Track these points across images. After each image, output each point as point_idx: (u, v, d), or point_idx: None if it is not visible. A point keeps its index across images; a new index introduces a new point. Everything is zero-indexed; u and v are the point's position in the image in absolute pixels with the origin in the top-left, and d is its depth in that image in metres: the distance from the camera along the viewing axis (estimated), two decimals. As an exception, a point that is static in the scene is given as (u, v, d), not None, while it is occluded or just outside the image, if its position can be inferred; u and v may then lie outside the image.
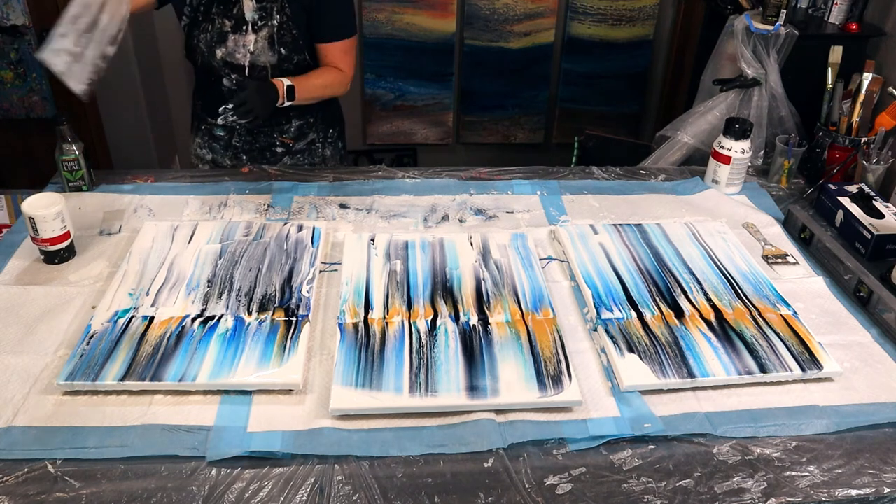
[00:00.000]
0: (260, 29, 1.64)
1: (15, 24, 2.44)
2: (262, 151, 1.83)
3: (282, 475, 0.98)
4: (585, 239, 1.48)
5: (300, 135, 1.83)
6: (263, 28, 1.64)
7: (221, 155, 1.86)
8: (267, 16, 1.63)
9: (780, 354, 1.18)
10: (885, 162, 1.68)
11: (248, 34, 1.64)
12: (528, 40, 3.11)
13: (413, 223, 1.56)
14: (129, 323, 1.20)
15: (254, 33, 1.64)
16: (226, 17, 1.64)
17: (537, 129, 3.35)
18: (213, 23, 1.65)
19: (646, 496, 0.97)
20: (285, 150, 1.84)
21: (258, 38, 1.64)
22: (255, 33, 1.64)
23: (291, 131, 1.82)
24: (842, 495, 0.98)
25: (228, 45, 1.66)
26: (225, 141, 1.83)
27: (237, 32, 1.65)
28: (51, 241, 1.36)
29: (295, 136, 1.83)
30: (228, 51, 1.66)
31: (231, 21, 1.64)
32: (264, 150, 1.83)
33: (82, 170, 1.60)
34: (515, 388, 1.09)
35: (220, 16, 1.64)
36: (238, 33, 1.64)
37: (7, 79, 2.55)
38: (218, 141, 1.84)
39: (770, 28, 2.06)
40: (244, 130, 1.80)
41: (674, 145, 2.23)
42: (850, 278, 1.39)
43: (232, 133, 1.81)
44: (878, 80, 1.82)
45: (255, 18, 1.63)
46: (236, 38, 1.65)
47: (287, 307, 1.25)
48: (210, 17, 1.65)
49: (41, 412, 1.06)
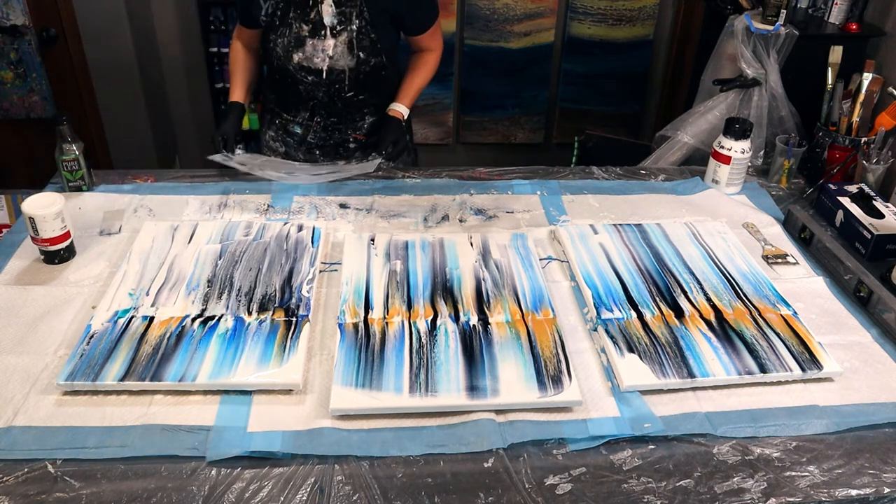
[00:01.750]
0: (339, 34, 1.64)
1: (15, 24, 2.44)
2: (336, 147, 1.86)
3: (282, 475, 0.98)
4: (585, 239, 1.48)
5: (372, 130, 1.84)
6: (343, 33, 1.64)
7: (294, 149, 1.88)
8: (346, 20, 1.62)
9: (780, 354, 1.18)
10: (885, 162, 1.68)
11: (326, 39, 1.64)
12: (528, 40, 3.11)
13: (413, 223, 1.56)
14: (129, 323, 1.20)
15: (332, 38, 1.64)
16: (303, 22, 1.63)
17: (537, 129, 3.35)
18: (291, 27, 1.65)
19: (646, 496, 0.97)
20: (358, 146, 1.86)
21: (337, 42, 1.64)
22: (334, 38, 1.64)
23: (365, 127, 1.83)
24: (842, 495, 0.98)
25: (306, 50, 1.66)
26: (300, 137, 1.85)
27: (315, 37, 1.64)
28: (51, 241, 1.36)
29: (368, 132, 1.84)
30: (306, 55, 1.66)
31: (308, 25, 1.63)
32: (338, 145, 1.86)
33: (82, 170, 1.60)
34: (515, 388, 1.09)
35: (297, 20, 1.64)
36: (316, 38, 1.64)
37: (7, 79, 2.55)
38: (292, 136, 1.86)
39: (770, 28, 2.06)
40: (319, 128, 1.82)
41: (674, 145, 2.23)
42: (850, 278, 1.39)
43: (308, 130, 1.83)
44: (878, 80, 1.82)
45: (333, 23, 1.62)
46: (314, 43, 1.65)
47: (287, 307, 1.25)
48: (287, 22, 1.65)
49: (41, 412, 1.06)
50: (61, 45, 2.55)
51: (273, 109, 1.87)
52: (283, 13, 1.64)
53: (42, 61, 2.54)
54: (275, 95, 1.85)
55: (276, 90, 1.83)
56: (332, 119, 1.80)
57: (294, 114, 1.82)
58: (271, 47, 1.70)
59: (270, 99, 1.88)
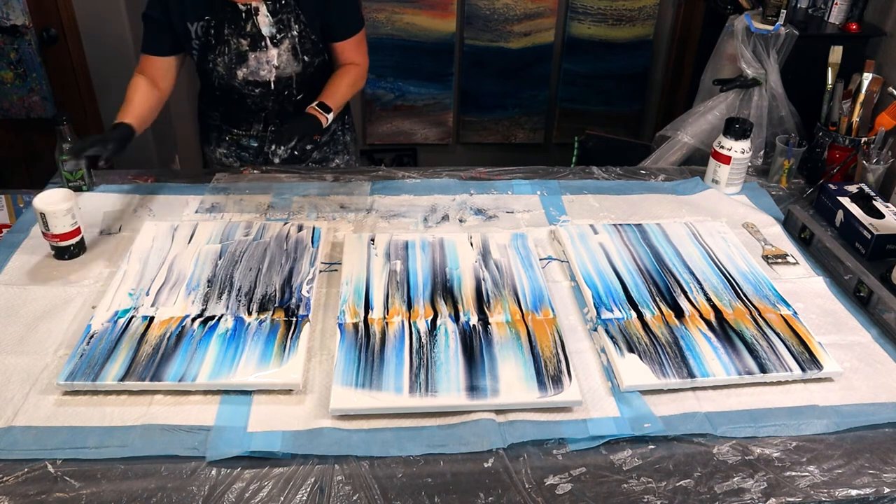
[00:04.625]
0: (280, 42, 1.61)
1: (15, 24, 2.44)
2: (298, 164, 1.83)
3: (282, 475, 0.98)
4: (585, 239, 1.48)
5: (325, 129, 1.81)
6: (284, 40, 1.61)
7: (251, 162, 1.84)
8: (285, 27, 1.59)
9: (780, 354, 1.18)
10: (885, 162, 1.68)
11: (269, 50, 1.61)
12: (528, 40, 3.11)
13: (413, 223, 1.56)
14: (129, 323, 1.20)
15: (275, 47, 1.61)
16: (240, 37, 1.59)
17: (537, 129, 3.35)
18: (229, 44, 1.60)
19: (646, 496, 0.97)
20: (314, 146, 1.84)
21: (280, 51, 1.62)
22: (276, 47, 1.61)
23: None
24: (842, 495, 0.98)
25: (250, 64, 1.62)
26: (256, 149, 1.82)
27: (257, 50, 1.61)
28: (61, 236, 1.37)
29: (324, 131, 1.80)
30: (250, 69, 1.63)
31: (247, 39, 1.59)
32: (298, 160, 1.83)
33: (82, 170, 1.60)
34: (515, 388, 1.09)
35: (234, 36, 1.59)
36: (258, 50, 1.61)
37: (7, 79, 2.55)
38: (247, 150, 1.83)
39: (770, 28, 2.06)
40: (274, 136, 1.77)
41: (674, 145, 2.23)
42: (850, 278, 1.39)
43: (263, 141, 1.80)
44: (878, 80, 1.82)
45: (272, 32, 1.59)
46: (258, 56, 1.61)
47: (287, 307, 1.25)
48: (223, 39, 1.60)
49: (41, 412, 1.06)
50: (61, 45, 2.55)
51: (219, 126, 1.82)
52: (217, 31, 1.59)
53: (42, 61, 2.54)
54: (219, 113, 1.80)
55: (221, 108, 1.78)
56: (285, 125, 1.75)
57: (246, 127, 1.78)
58: (210, 67, 1.64)
59: (214, 117, 1.81)
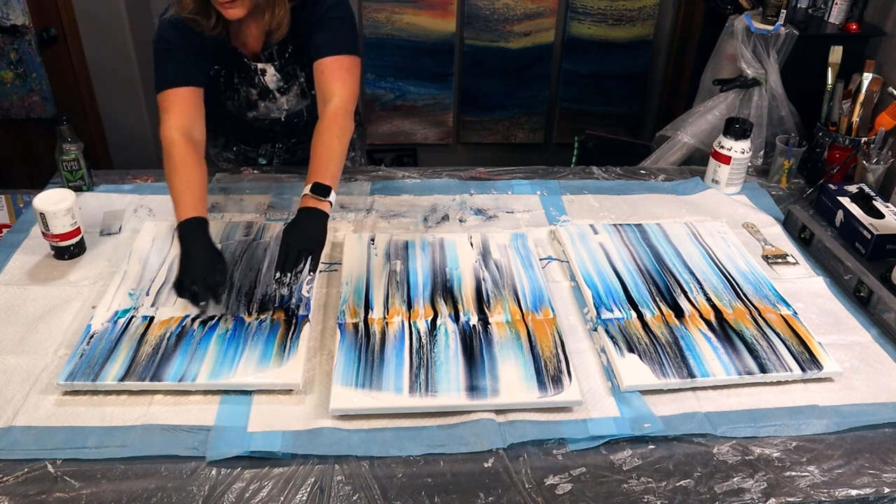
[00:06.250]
0: (288, 90, 1.60)
1: (15, 24, 2.44)
2: (300, 165, 1.80)
3: (282, 475, 0.98)
4: (585, 239, 1.48)
5: None
6: (292, 87, 1.60)
7: None
8: (292, 77, 1.58)
9: (780, 354, 1.18)
10: (885, 162, 1.68)
11: (278, 99, 1.60)
12: (528, 40, 3.11)
13: (413, 223, 1.56)
14: (129, 323, 1.20)
15: (283, 96, 1.60)
16: (250, 86, 1.58)
17: (537, 129, 3.35)
18: (238, 92, 1.59)
19: (646, 496, 0.97)
20: None
21: (289, 97, 1.61)
22: (285, 95, 1.60)
23: None
24: (842, 495, 0.99)
25: (260, 110, 1.62)
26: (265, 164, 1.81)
27: (266, 99, 1.60)
28: (61, 236, 1.37)
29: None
30: (260, 113, 1.63)
31: (256, 89, 1.59)
32: (301, 162, 1.79)
33: (82, 170, 1.60)
34: (515, 388, 1.09)
35: (243, 85, 1.58)
36: (266, 100, 1.60)
37: (7, 79, 2.55)
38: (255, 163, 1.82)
39: (770, 28, 2.06)
40: (282, 151, 1.78)
41: (674, 145, 2.23)
42: (850, 278, 1.39)
43: (272, 156, 1.80)
44: (878, 80, 1.82)
45: (280, 86, 1.58)
46: (267, 105, 1.61)
47: (287, 307, 1.25)
48: (233, 87, 1.59)
49: (41, 412, 1.06)
50: (61, 45, 2.55)
51: (227, 138, 1.79)
52: (227, 79, 1.58)
53: (42, 61, 2.54)
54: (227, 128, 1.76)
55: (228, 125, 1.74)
56: (293, 140, 1.76)
57: (254, 146, 1.78)
58: (222, 101, 1.63)
59: (222, 128, 1.76)
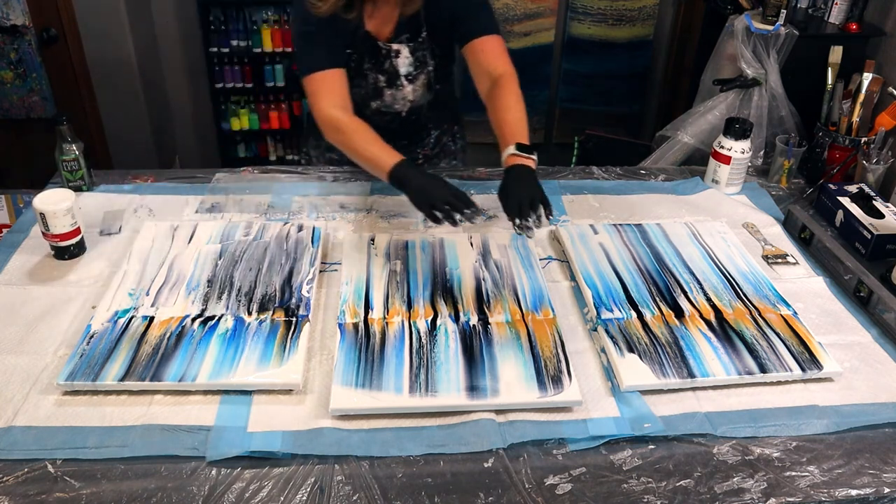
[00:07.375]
0: (416, 78, 1.59)
1: (15, 24, 2.44)
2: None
3: (282, 475, 0.98)
4: (585, 239, 1.48)
5: (437, 143, 1.79)
6: (420, 76, 1.59)
7: None
8: (422, 64, 1.57)
9: (780, 354, 1.18)
10: (885, 162, 1.68)
11: (404, 87, 1.59)
12: (528, 40, 3.11)
13: (413, 223, 1.56)
14: (129, 323, 1.20)
15: (410, 83, 1.59)
16: (379, 73, 1.57)
17: (537, 129, 3.35)
18: (367, 78, 1.58)
19: (646, 496, 0.97)
20: (424, 160, 1.80)
21: (416, 86, 1.60)
22: (412, 83, 1.59)
23: (431, 143, 1.79)
24: (842, 495, 0.98)
25: (385, 99, 1.61)
26: None
27: (393, 87, 1.59)
28: (61, 236, 1.37)
29: (432, 146, 1.79)
30: (385, 102, 1.62)
31: (384, 76, 1.57)
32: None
33: (82, 170, 1.60)
34: (515, 388, 1.09)
35: (373, 71, 1.57)
36: (394, 88, 1.59)
37: (7, 79, 2.55)
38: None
39: (770, 28, 2.06)
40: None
41: (674, 145, 2.23)
42: (850, 278, 1.39)
43: None
44: (878, 80, 1.82)
45: (410, 71, 1.57)
46: (393, 93, 1.60)
47: (287, 307, 1.25)
48: (362, 73, 1.57)
49: (41, 412, 1.05)
50: (61, 45, 2.55)
51: None
52: (357, 64, 1.56)
53: (42, 61, 2.54)
54: None
55: None
56: (404, 142, 1.70)
57: None
58: None
59: None
